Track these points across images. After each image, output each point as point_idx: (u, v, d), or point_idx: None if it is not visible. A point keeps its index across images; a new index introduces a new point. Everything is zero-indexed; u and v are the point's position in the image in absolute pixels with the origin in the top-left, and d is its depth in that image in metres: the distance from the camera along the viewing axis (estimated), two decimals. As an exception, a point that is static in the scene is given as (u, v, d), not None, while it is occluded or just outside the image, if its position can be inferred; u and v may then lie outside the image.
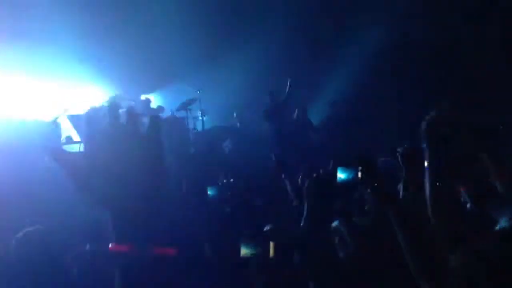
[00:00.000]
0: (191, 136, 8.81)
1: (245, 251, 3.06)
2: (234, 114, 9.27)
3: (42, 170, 4.87)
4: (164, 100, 10.39)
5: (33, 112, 8.01)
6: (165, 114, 9.02)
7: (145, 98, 9.52)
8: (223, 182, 5.21)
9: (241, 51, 9.37)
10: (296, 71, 8.52)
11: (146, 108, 8.95)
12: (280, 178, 4.38)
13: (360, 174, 2.18)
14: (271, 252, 2.94)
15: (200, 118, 8.99)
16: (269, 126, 8.09)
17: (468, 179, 2.33)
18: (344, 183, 2.94)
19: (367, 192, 2.67)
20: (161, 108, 9.36)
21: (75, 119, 6.84)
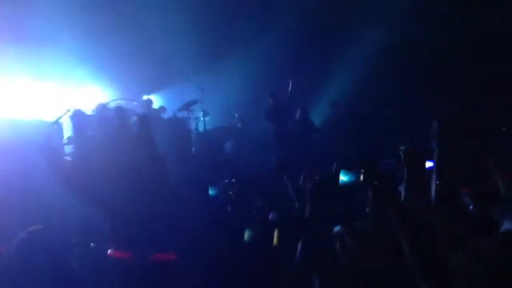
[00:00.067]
0: (192, 137, 8.80)
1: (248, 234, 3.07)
2: (236, 115, 9.26)
3: (43, 170, 4.86)
4: (166, 100, 10.38)
5: (34, 112, 8.01)
6: (167, 114, 9.03)
7: (146, 98, 9.52)
8: (224, 182, 5.21)
9: (242, 51, 9.37)
10: (298, 71, 8.51)
11: (148, 108, 8.96)
12: (281, 179, 4.37)
13: (361, 176, 2.17)
14: (275, 240, 2.94)
15: (202, 119, 8.98)
16: (270, 127, 8.08)
17: (471, 181, 2.33)
18: (346, 185, 2.95)
19: (368, 193, 2.66)
20: (163, 109, 9.36)
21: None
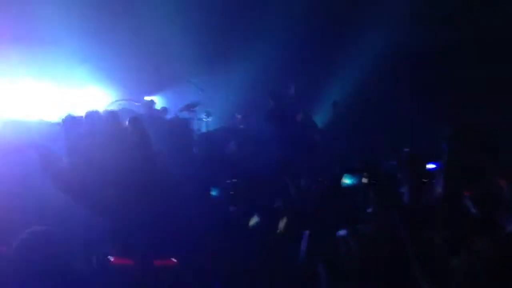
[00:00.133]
0: (195, 138, 8.80)
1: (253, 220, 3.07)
2: (238, 116, 9.25)
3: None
4: (168, 101, 10.39)
5: (34, 113, 8.03)
6: (169, 115, 9.03)
7: (149, 99, 9.53)
8: (226, 183, 5.21)
9: (244, 52, 9.37)
10: (300, 72, 8.51)
11: (150, 109, 8.96)
12: (283, 180, 4.37)
13: (364, 179, 2.18)
14: (282, 228, 2.95)
15: (204, 120, 8.98)
16: (272, 128, 8.07)
17: (473, 184, 2.32)
18: (349, 188, 2.95)
19: (371, 195, 2.66)
20: (165, 110, 9.36)
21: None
